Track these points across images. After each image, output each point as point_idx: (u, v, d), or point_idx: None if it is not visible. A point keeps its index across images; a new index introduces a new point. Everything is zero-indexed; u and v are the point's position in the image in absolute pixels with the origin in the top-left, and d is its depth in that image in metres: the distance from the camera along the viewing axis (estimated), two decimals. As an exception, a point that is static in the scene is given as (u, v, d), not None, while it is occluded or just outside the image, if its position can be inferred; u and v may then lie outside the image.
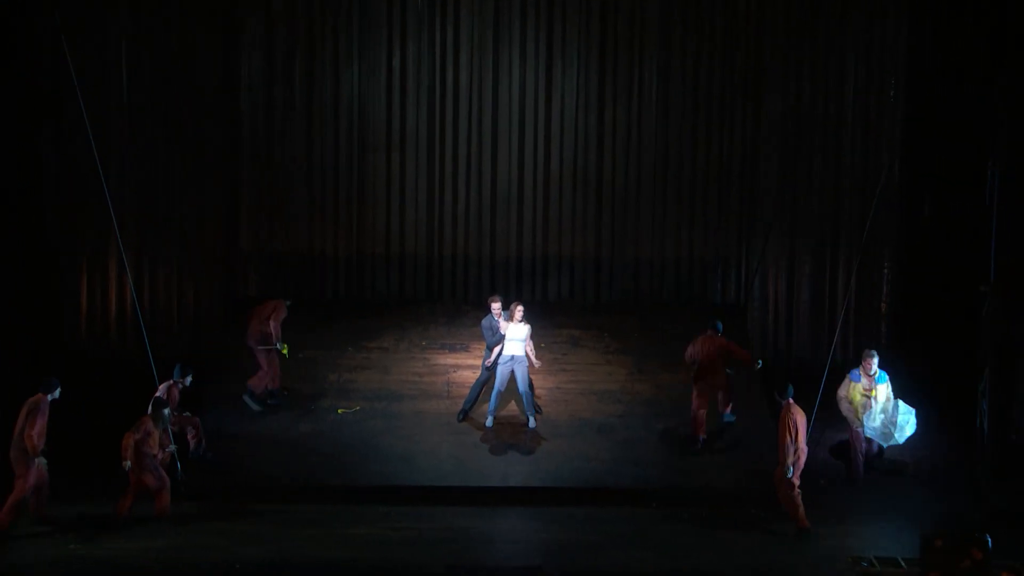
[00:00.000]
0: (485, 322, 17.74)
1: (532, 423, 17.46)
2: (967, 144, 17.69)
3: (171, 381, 16.38)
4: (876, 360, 16.41)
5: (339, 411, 17.94)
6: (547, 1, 20.72)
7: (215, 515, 15.55)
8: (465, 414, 17.75)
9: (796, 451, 15.30)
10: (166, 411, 15.54)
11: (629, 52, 20.93)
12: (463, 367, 19.03)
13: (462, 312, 20.80)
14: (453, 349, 19.67)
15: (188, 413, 16.67)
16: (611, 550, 14.79)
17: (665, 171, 21.22)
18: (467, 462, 16.87)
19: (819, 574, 14.15)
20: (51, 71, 18.22)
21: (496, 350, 17.43)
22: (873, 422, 16.31)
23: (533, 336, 17.46)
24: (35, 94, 18.33)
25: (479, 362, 18.27)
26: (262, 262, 20.86)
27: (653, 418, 17.97)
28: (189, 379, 16.52)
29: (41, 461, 14.82)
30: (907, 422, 16.34)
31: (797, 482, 15.38)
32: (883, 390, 16.36)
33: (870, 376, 16.39)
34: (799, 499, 15.38)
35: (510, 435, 17.40)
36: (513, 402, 17.76)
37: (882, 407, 16.28)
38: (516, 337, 17.21)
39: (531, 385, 17.58)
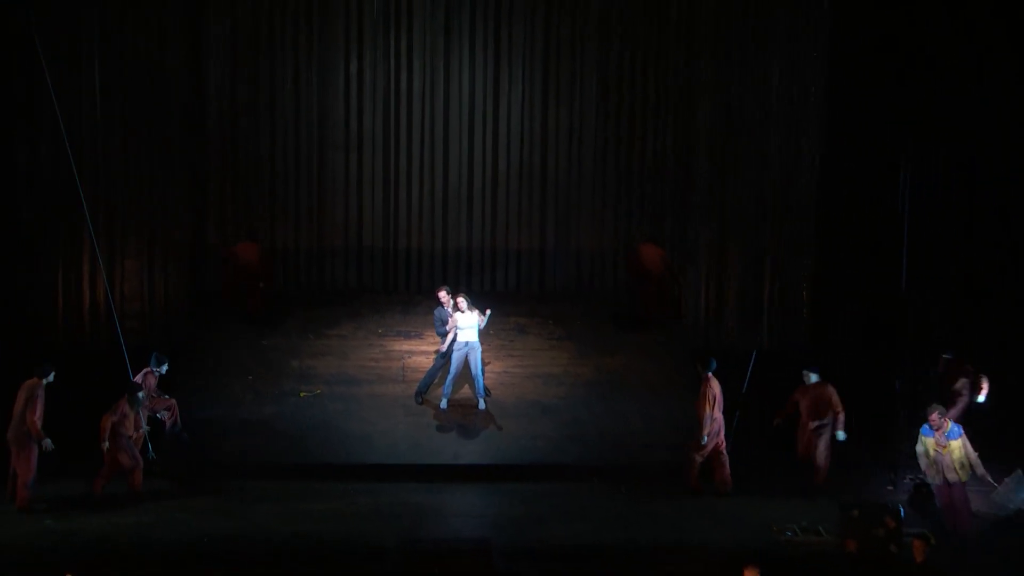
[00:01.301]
0: (437, 313, 17.77)
1: (482, 404, 17.49)
2: (883, 145, 17.80)
3: (148, 369, 16.33)
4: (936, 414, 14.44)
5: (301, 394, 17.90)
6: (494, 11, 20.84)
7: (184, 492, 15.50)
8: (422, 397, 17.77)
9: (713, 420, 15.63)
10: (140, 395, 15.53)
11: (571, 58, 21.07)
12: (417, 353, 19.05)
13: (416, 301, 20.84)
14: (408, 336, 19.69)
15: (166, 395, 16.62)
16: (555, 523, 14.84)
17: (604, 170, 21.38)
18: (421, 441, 16.89)
19: (747, 544, 14.17)
20: (24, 75, 17.98)
21: (448, 337, 17.48)
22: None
23: (487, 322, 17.51)
24: (9, 97, 18.13)
25: (433, 348, 18.30)
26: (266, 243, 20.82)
27: (594, 399, 18.05)
28: (165, 367, 16.48)
29: (48, 444, 14.73)
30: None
31: (707, 449, 15.70)
32: (957, 446, 14.34)
33: (939, 431, 14.41)
34: (698, 463, 15.73)
35: (461, 416, 17.44)
36: (466, 385, 17.78)
37: (960, 463, 14.27)
38: (468, 325, 17.26)
39: (482, 370, 17.68)
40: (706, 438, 15.62)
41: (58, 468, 15.25)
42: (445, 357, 17.58)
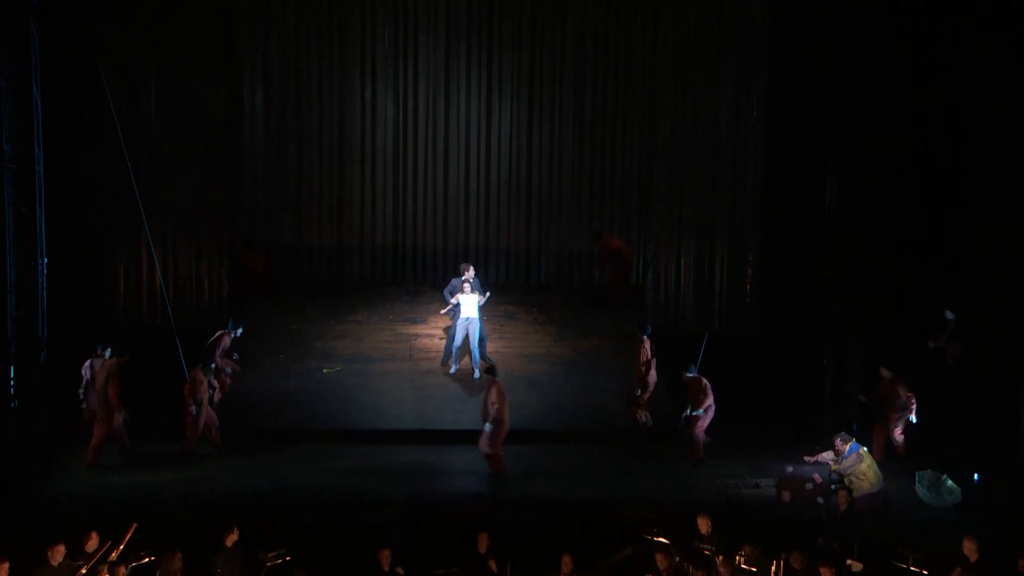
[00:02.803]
0: (452, 282, 17.94)
1: (477, 374, 17.55)
2: (813, 156, 17.81)
3: (224, 331, 16.42)
4: (839, 441, 14.48)
5: (324, 371, 17.96)
6: (487, 47, 20.93)
7: (224, 453, 15.55)
8: (446, 362, 17.91)
9: (648, 377, 15.96)
10: (212, 365, 15.66)
11: (552, 86, 21.18)
12: (422, 335, 19.13)
13: (421, 292, 20.92)
14: (414, 321, 19.76)
15: (236, 355, 16.71)
16: (538, 479, 14.97)
17: (580, 180, 21.49)
18: (425, 410, 16.93)
19: (699, 495, 14.38)
20: (90, 97, 18.04)
21: (450, 306, 17.72)
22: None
23: (485, 302, 17.69)
24: (77, 116, 18.21)
25: (437, 331, 18.42)
26: (264, 252, 20.80)
27: (572, 375, 18.12)
28: (240, 331, 16.57)
29: (125, 415, 14.84)
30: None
31: (644, 402, 16.07)
32: (844, 464, 14.31)
33: (837, 453, 14.45)
34: (645, 409, 16.07)
35: (460, 388, 17.48)
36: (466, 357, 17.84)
37: (856, 478, 14.19)
38: (469, 303, 17.41)
39: (482, 343, 17.69)
40: (640, 391, 15.85)
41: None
42: (455, 325, 17.68)
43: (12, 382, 14.92)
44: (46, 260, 15.45)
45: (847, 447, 14.38)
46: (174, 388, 15.40)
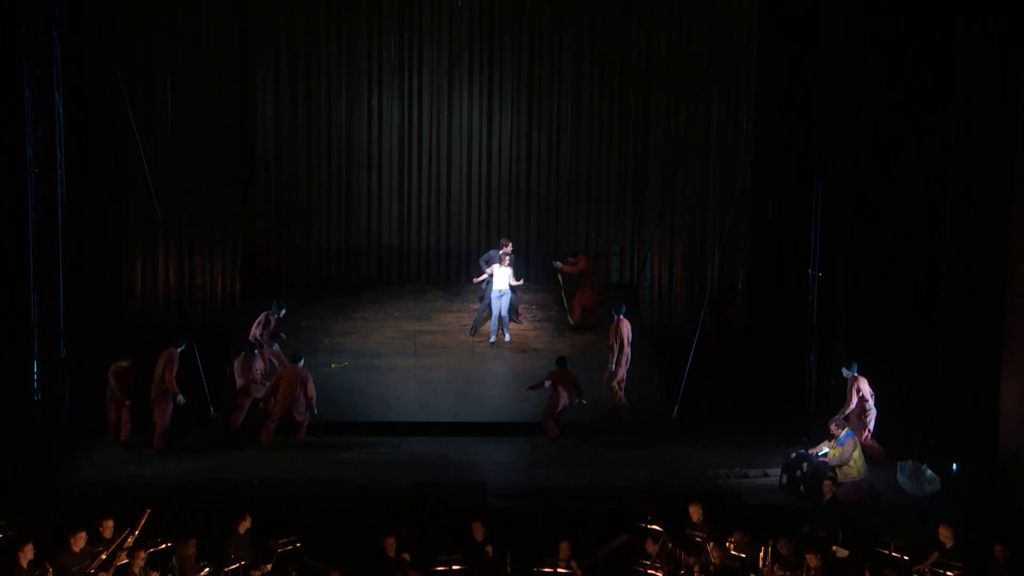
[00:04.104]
0: (490, 252, 18.29)
1: (507, 337, 18.25)
2: (799, 164, 17.84)
3: (268, 312, 16.47)
4: (834, 426, 14.39)
5: (332, 365, 17.92)
6: (488, 55, 20.79)
7: (235, 444, 15.59)
8: (475, 330, 18.43)
9: (622, 355, 16.11)
10: (255, 351, 15.86)
11: (550, 94, 20.99)
12: (426, 332, 19.07)
13: (425, 290, 20.78)
14: (419, 319, 19.66)
15: (277, 344, 16.75)
16: (537, 469, 15.01)
17: (577, 182, 21.31)
18: (429, 403, 16.96)
19: (690, 483, 14.43)
20: (110, 107, 18.07)
21: (484, 275, 18.24)
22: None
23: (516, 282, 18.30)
24: (98, 126, 18.24)
25: (441, 328, 18.43)
26: (273, 252, 20.85)
27: (568, 369, 18.10)
28: (283, 312, 16.64)
29: (181, 399, 14.95)
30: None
31: (622, 379, 16.24)
32: (836, 451, 14.19)
33: (833, 439, 14.34)
34: (620, 389, 16.28)
35: (462, 383, 17.47)
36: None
37: (840, 463, 14.13)
38: (501, 276, 17.93)
39: (513, 310, 18.21)
40: (613, 367, 15.91)
41: (138, 422, 15.33)
42: (486, 296, 18.19)
43: (35, 376, 14.92)
44: (67, 260, 15.48)
45: (842, 432, 14.28)
46: (190, 384, 15.40)
